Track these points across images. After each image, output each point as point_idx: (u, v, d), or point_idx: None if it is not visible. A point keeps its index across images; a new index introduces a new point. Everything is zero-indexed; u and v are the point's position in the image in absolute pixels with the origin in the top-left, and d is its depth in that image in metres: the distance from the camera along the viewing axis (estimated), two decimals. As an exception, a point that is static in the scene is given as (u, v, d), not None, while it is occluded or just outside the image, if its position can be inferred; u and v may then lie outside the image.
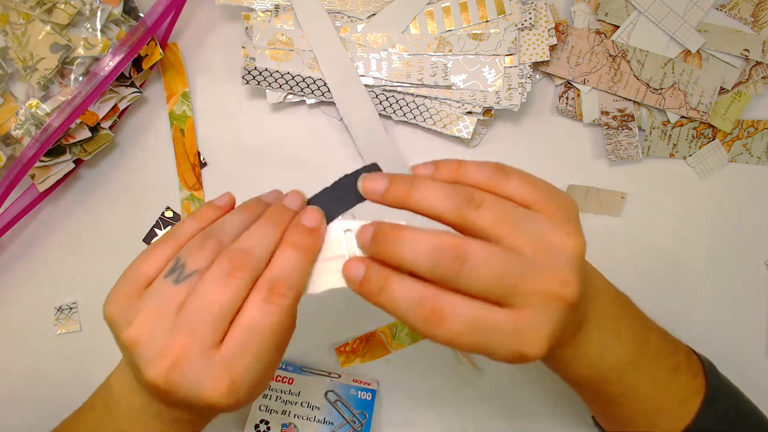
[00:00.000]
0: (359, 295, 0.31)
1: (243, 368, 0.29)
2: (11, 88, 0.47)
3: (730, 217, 0.53)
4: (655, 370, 0.38)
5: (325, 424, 0.45)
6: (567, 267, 0.29)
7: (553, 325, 0.29)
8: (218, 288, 0.29)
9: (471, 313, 0.28)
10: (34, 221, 0.53)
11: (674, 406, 0.38)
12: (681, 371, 0.39)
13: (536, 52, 0.49)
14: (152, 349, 0.29)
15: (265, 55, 0.49)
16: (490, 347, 0.29)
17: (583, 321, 0.34)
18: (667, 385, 0.38)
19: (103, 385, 0.37)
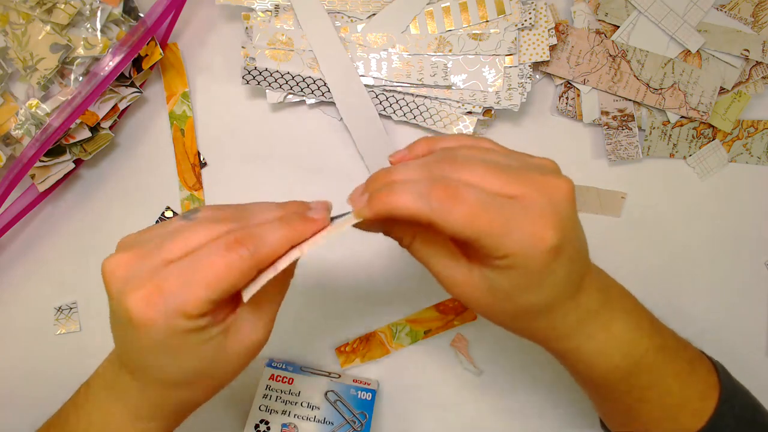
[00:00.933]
0: (371, 215, 0.30)
1: (172, 287, 0.28)
2: (11, 88, 0.47)
3: (730, 217, 0.53)
4: (676, 362, 0.38)
5: (325, 424, 0.45)
6: (559, 174, 0.32)
7: (560, 209, 0.30)
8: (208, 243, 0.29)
9: (483, 191, 0.29)
10: (34, 221, 0.53)
11: (695, 401, 0.38)
12: (697, 366, 0.39)
13: (536, 52, 0.49)
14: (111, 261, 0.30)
15: (265, 55, 0.49)
16: (509, 226, 0.29)
17: (605, 302, 0.35)
18: (688, 379, 0.38)
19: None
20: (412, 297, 0.52)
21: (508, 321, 0.34)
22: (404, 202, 0.29)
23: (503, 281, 0.31)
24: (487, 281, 0.31)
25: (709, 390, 0.38)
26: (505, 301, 0.32)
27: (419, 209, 0.29)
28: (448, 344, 0.52)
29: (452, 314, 0.52)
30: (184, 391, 0.33)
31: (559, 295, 0.32)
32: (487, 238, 0.29)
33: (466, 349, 0.52)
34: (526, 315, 0.33)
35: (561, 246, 0.30)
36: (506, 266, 0.30)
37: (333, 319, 0.52)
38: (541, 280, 0.31)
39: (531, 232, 0.29)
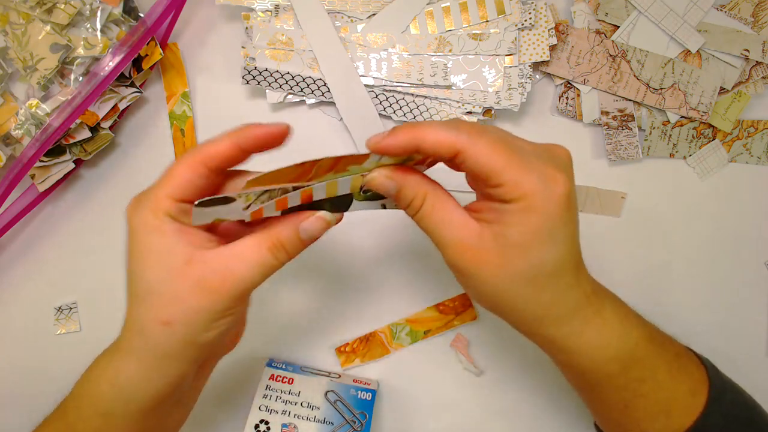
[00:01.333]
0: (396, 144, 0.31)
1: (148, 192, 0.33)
2: (11, 88, 0.47)
3: (730, 217, 0.53)
4: (665, 355, 0.38)
5: (325, 424, 0.45)
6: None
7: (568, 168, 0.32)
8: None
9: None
10: (34, 221, 0.53)
11: (687, 397, 0.38)
12: (685, 360, 0.39)
13: (536, 52, 0.49)
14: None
15: (265, 55, 0.49)
16: (528, 166, 0.30)
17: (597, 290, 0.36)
18: (678, 374, 0.38)
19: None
20: (412, 297, 0.52)
21: (516, 291, 0.33)
22: (433, 130, 0.30)
23: (516, 233, 0.31)
24: (498, 240, 0.31)
25: (698, 385, 0.38)
26: (517, 258, 0.31)
27: (448, 137, 0.30)
28: (448, 344, 0.52)
29: (452, 314, 0.52)
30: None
31: (568, 259, 0.33)
32: (509, 172, 0.30)
33: (466, 349, 0.52)
34: (535, 279, 0.32)
35: (571, 196, 0.31)
36: (522, 209, 0.31)
37: (333, 319, 0.52)
38: (554, 231, 0.31)
39: (548, 174, 0.31)
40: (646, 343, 0.37)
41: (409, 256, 0.52)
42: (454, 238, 0.33)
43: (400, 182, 0.33)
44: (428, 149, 0.31)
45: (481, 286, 0.33)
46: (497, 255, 0.32)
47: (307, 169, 0.31)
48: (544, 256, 0.32)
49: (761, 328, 0.53)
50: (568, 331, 0.34)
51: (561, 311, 0.34)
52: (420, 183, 0.33)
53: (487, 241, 0.32)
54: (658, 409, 0.37)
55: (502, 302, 0.34)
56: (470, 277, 0.33)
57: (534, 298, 0.33)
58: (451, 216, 0.33)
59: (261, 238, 0.32)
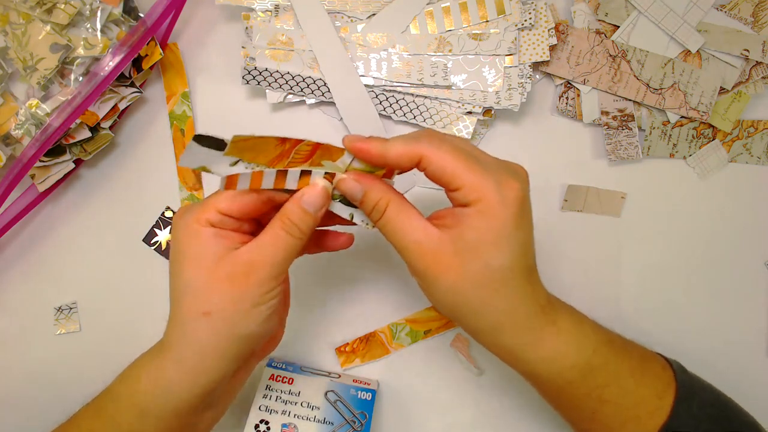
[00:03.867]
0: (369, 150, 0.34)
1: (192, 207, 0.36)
2: (11, 88, 0.47)
3: (730, 217, 0.53)
4: (627, 358, 0.39)
5: (325, 424, 0.45)
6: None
7: (523, 178, 0.35)
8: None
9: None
10: (34, 221, 0.53)
11: (653, 400, 0.38)
12: (649, 363, 0.40)
13: (536, 52, 0.49)
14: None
15: (265, 55, 0.49)
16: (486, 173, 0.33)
17: (550, 301, 0.37)
18: (642, 377, 0.39)
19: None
20: (412, 297, 0.52)
21: (472, 294, 0.34)
22: (396, 145, 0.34)
23: (472, 235, 0.33)
24: (456, 243, 0.33)
25: (665, 388, 0.39)
26: (473, 260, 0.33)
27: (410, 148, 0.33)
28: (448, 344, 0.52)
29: (452, 314, 0.52)
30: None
31: (520, 265, 0.34)
32: (467, 176, 0.32)
33: (466, 349, 0.52)
34: (490, 283, 0.34)
35: (525, 203, 0.34)
36: (478, 212, 0.33)
37: (333, 319, 0.52)
38: (508, 234, 0.33)
39: (504, 181, 0.33)
40: (606, 349, 0.38)
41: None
42: (414, 242, 0.34)
43: (367, 186, 0.35)
44: (393, 161, 0.34)
45: (441, 290, 0.34)
46: (454, 257, 0.33)
47: (287, 150, 0.33)
48: (497, 258, 0.33)
49: (761, 328, 0.53)
50: (524, 340, 0.36)
51: (517, 320, 0.35)
52: (385, 190, 0.35)
53: (446, 245, 0.33)
54: (626, 415, 0.38)
55: (461, 307, 0.35)
56: (430, 281, 0.34)
57: (490, 303, 0.34)
58: (412, 221, 0.34)
59: (274, 223, 0.35)
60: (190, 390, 0.35)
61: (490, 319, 0.35)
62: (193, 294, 0.34)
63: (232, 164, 0.33)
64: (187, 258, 0.34)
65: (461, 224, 0.33)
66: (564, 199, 0.53)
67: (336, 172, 0.35)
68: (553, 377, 0.37)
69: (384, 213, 0.35)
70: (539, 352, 0.36)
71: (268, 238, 0.34)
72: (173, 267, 0.34)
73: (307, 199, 0.35)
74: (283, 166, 0.34)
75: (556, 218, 0.53)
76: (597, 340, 0.38)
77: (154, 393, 0.35)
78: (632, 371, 0.38)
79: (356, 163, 0.35)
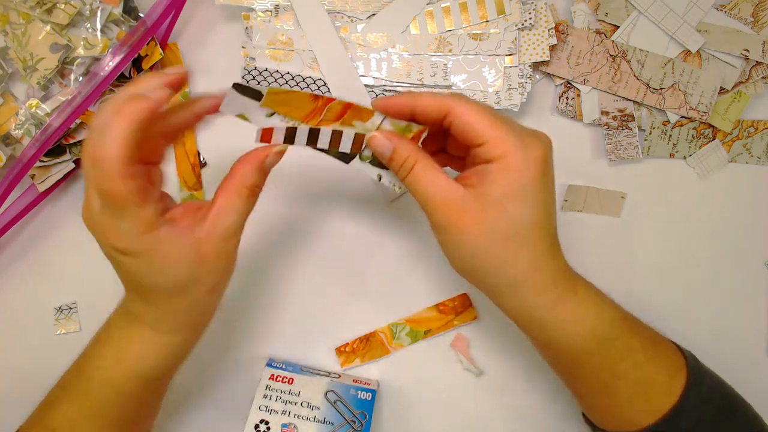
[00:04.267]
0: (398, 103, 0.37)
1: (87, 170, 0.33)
2: (11, 88, 0.47)
3: (730, 217, 0.53)
4: (641, 336, 0.39)
5: (325, 424, 0.45)
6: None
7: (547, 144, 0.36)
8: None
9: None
10: (34, 221, 0.53)
11: (664, 379, 0.38)
12: (661, 344, 0.40)
13: (536, 52, 0.49)
14: None
15: (265, 55, 0.49)
16: (509, 131, 0.34)
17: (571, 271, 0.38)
18: (655, 355, 0.39)
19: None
20: (412, 297, 0.52)
21: (494, 250, 0.35)
22: (426, 96, 0.35)
23: (496, 190, 0.34)
24: (480, 199, 0.34)
25: (676, 369, 0.39)
26: (496, 215, 0.34)
27: (439, 100, 0.35)
28: (448, 344, 0.52)
29: (452, 314, 0.52)
30: (183, 297, 0.35)
31: (544, 224, 0.35)
32: (492, 131, 0.34)
33: (466, 349, 0.52)
34: (513, 238, 0.34)
35: (548, 163, 0.35)
36: (502, 168, 0.34)
37: (333, 319, 0.52)
38: (531, 191, 0.34)
39: (527, 140, 0.34)
40: (621, 323, 0.38)
41: (410, 257, 0.52)
42: (440, 198, 0.35)
43: (396, 144, 0.37)
44: (421, 110, 0.36)
45: (463, 245, 0.35)
46: (478, 212, 0.34)
47: (320, 107, 0.36)
48: (520, 214, 0.34)
49: (761, 328, 0.53)
50: (543, 302, 0.36)
51: (537, 280, 0.36)
52: (413, 148, 0.37)
53: (470, 201, 0.34)
54: (636, 390, 0.38)
55: (482, 263, 0.36)
56: (453, 236, 0.35)
57: (512, 259, 0.35)
58: (439, 178, 0.36)
59: (230, 190, 0.36)
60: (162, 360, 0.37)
61: (511, 276, 0.35)
62: (195, 285, 0.35)
63: (268, 116, 0.35)
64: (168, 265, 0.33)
65: (485, 180, 0.34)
66: (564, 199, 0.53)
67: (366, 132, 0.37)
68: (569, 345, 0.37)
69: (412, 170, 0.36)
70: (558, 316, 0.36)
71: (229, 206, 0.35)
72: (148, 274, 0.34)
73: (270, 161, 0.37)
74: (315, 123, 0.36)
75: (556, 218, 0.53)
76: (614, 314, 0.38)
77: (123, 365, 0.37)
78: (645, 349, 0.38)
79: (386, 124, 0.37)
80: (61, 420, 0.39)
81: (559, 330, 0.37)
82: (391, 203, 0.52)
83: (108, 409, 0.38)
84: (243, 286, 0.52)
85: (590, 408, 0.43)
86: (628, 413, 0.39)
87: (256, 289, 0.52)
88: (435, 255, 0.52)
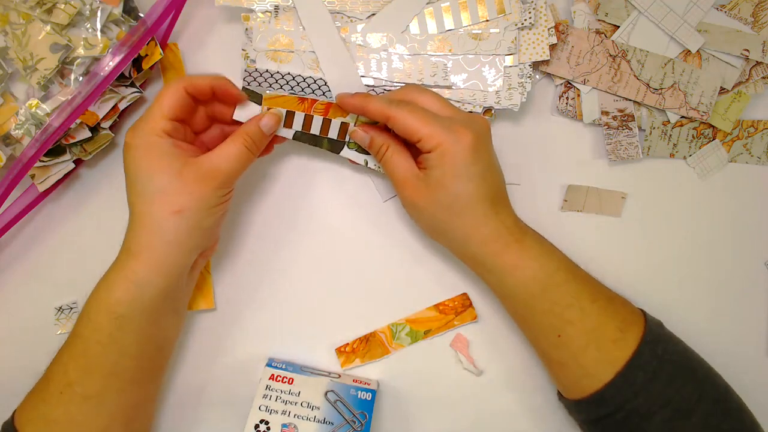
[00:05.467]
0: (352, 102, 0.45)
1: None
2: (11, 88, 0.47)
3: (730, 217, 0.53)
4: (595, 290, 0.43)
5: (325, 424, 0.45)
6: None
7: (478, 128, 0.43)
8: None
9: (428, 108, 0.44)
10: (34, 221, 0.53)
11: (615, 331, 0.41)
12: (616, 302, 0.44)
13: (536, 52, 0.49)
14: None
15: (266, 57, 0.49)
16: (443, 127, 0.41)
17: (520, 226, 0.44)
18: (607, 307, 0.42)
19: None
20: (412, 297, 0.52)
21: (443, 216, 0.43)
22: (374, 102, 0.43)
23: (436, 173, 0.42)
24: (427, 179, 0.42)
25: (629, 324, 0.42)
26: (439, 191, 0.42)
27: (381, 107, 0.43)
28: (448, 344, 0.52)
29: (452, 314, 0.52)
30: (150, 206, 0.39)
31: (480, 192, 0.42)
32: (424, 129, 0.41)
33: (466, 349, 0.52)
34: (454, 207, 0.42)
35: (476, 147, 0.41)
36: (438, 155, 0.41)
37: (333, 319, 0.52)
38: (464, 170, 0.41)
39: (457, 130, 0.41)
40: (568, 273, 0.43)
41: (409, 257, 0.52)
42: (402, 177, 0.44)
43: (372, 135, 0.46)
44: (369, 115, 0.44)
45: (422, 214, 0.44)
46: (427, 189, 0.43)
47: (307, 107, 0.47)
48: (457, 188, 0.42)
49: (761, 328, 0.53)
50: (489, 249, 0.43)
51: (481, 233, 0.43)
52: (385, 137, 0.45)
53: (422, 180, 0.43)
54: (587, 339, 0.42)
55: (437, 227, 0.44)
56: (414, 208, 0.44)
57: (457, 221, 0.43)
58: (402, 162, 0.44)
59: (235, 138, 0.42)
60: (159, 285, 0.40)
61: (460, 234, 0.43)
62: (167, 196, 0.39)
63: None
64: (154, 166, 0.39)
65: (429, 166, 0.42)
66: (564, 199, 0.53)
67: (349, 123, 0.47)
68: (516, 288, 0.43)
69: (384, 155, 0.45)
70: (503, 260, 0.43)
71: (230, 149, 0.42)
72: (140, 175, 0.39)
73: (265, 122, 0.44)
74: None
75: (556, 218, 0.53)
76: (560, 262, 0.44)
77: (130, 295, 0.39)
78: (595, 299, 0.42)
79: (362, 118, 0.47)
80: (56, 367, 0.42)
81: (506, 275, 0.43)
82: (385, 202, 0.52)
83: (88, 347, 0.40)
84: (243, 286, 0.52)
85: (553, 366, 0.45)
86: (584, 364, 0.41)
87: (256, 289, 0.52)
88: (435, 255, 0.52)
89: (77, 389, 0.40)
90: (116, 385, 0.41)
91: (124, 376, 0.41)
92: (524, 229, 0.44)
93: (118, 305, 0.40)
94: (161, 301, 0.41)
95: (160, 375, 0.46)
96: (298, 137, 0.47)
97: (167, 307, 0.42)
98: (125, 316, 0.40)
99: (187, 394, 0.51)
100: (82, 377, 0.40)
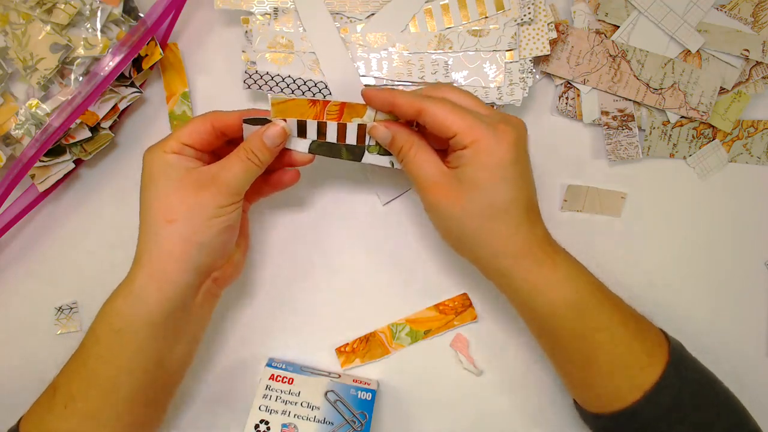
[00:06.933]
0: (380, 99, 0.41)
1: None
2: (11, 88, 0.47)
3: (730, 217, 0.53)
4: (621, 311, 0.41)
5: (325, 424, 0.45)
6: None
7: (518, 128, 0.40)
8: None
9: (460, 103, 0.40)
10: (34, 221, 0.53)
11: (644, 357, 0.40)
12: (643, 323, 0.42)
13: (536, 47, 0.49)
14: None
15: (266, 59, 0.49)
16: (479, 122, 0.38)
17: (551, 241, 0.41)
18: (636, 332, 0.41)
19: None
20: (412, 297, 0.52)
21: (473, 222, 0.39)
22: (403, 96, 0.39)
23: (471, 171, 0.38)
24: (459, 178, 0.39)
25: (657, 348, 0.40)
26: (473, 192, 0.38)
27: (413, 101, 0.39)
28: (448, 344, 0.52)
29: (452, 314, 0.52)
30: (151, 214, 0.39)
31: (516, 196, 0.39)
32: (460, 124, 0.38)
33: (466, 349, 0.52)
34: (489, 211, 0.38)
35: (518, 145, 0.38)
36: (474, 152, 0.38)
37: (333, 319, 0.52)
38: (503, 170, 0.38)
39: (497, 126, 0.38)
40: (599, 295, 0.41)
41: (409, 257, 0.52)
42: (428, 177, 0.40)
43: (394, 132, 0.41)
44: (398, 109, 0.40)
45: (448, 220, 0.40)
46: (457, 190, 0.39)
47: (320, 112, 0.42)
48: (494, 190, 0.38)
49: (761, 328, 0.52)
50: (521, 266, 0.39)
51: (514, 246, 0.39)
52: (409, 134, 0.41)
53: (452, 180, 0.39)
54: (617, 364, 0.39)
55: (465, 235, 0.40)
56: (440, 213, 0.40)
57: (489, 230, 0.39)
58: (428, 161, 0.40)
59: (238, 150, 0.41)
60: (157, 298, 0.38)
61: (490, 244, 0.40)
62: (160, 203, 0.39)
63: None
64: (156, 176, 0.39)
65: (463, 163, 0.38)
66: (564, 199, 0.53)
67: (366, 124, 0.42)
68: (546, 309, 0.40)
69: (407, 153, 0.41)
70: (535, 278, 0.39)
71: (231, 161, 0.40)
72: (145, 186, 0.40)
73: (269, 134, 0.40)
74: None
75: (556, 218, 0.53)
76: (592, 285, 0.41)
77: (128, 307, 0.38)
78: (625, 323, 0.40)
79: (380, 115, 0.42)
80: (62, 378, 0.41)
81: (537, 294, 0.40)
82: (385, 205, 0.52)
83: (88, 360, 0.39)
84: (243, 287, 0.52)
85: (576, 385, 0.43)
86: (610, 387, 0.40)
87: (256, 289, 0.52)
88: (435, 255, 0.52)
89: (79, 405, 0.39)
90: (114, 402, 0.39)
91: (121, 394, 0.39)
92: (555, 245, 0.41)
93: (117, 317, 0.39)
94: (161, 318, 0.39)
95: (163, 399, 0.43)
96: (313, 150, 0.43)
97: (169, 327, 0.40)
98: (123, 330, 0.38)
99: (187, 394, 0.51)
100: (83, 391, 0.39)
